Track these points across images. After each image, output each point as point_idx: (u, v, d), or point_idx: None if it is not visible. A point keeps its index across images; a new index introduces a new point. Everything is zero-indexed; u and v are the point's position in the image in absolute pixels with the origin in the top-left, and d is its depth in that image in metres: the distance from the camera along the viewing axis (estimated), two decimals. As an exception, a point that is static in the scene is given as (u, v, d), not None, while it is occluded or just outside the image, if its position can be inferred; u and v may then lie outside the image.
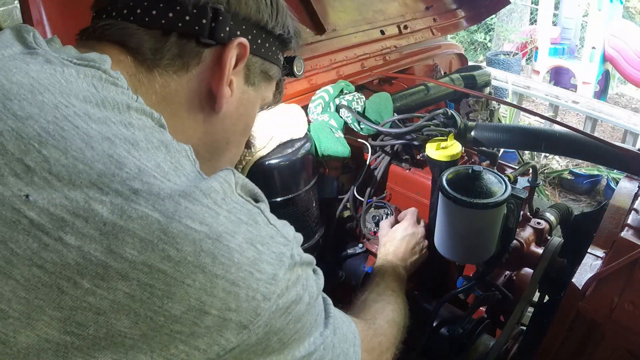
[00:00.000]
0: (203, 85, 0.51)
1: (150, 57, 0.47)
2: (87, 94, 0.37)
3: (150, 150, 0.36)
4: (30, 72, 0.36)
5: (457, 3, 1.84)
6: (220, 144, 0.57)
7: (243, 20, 0.51)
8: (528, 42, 5.53)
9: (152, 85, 0.48)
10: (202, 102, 0.51)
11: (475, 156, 1.18)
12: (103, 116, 0.36)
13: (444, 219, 0.92)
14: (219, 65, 0.50)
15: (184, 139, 0.50)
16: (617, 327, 0.71)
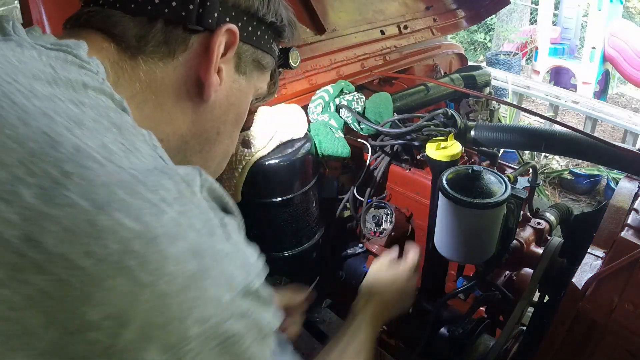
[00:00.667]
0: (191, 73, 0.49)
1: (135, 44, 0.46)
2: (38, 72, 0.35)
3: (98, 131, 0.33)
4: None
5: (457, 3, 1.84)
6: (210, 134, 0.55)
7: (232, 7, 0.50)
8: (528, 42, 5.53)
9: (136, 73, 0.47)
10: (190, 91, 0.50)
11: (475, 156, 1.18)
12: (50, 93, 0.34)
13: (444, 219, 0.92)
14: (207, 53, 0.49)
15: (171, 129, 0.50)
16: (617, 327, 0.71)
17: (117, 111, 0.38)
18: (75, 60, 0.40)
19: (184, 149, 0.53)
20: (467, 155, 1.18)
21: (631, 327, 0.70)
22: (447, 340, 0.96)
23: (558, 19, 5.55)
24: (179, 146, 0.52)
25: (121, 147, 0.33)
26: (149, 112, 0.48)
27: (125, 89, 0.46)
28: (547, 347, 0.83)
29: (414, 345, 0.98)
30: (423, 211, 1.14)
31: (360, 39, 1.44)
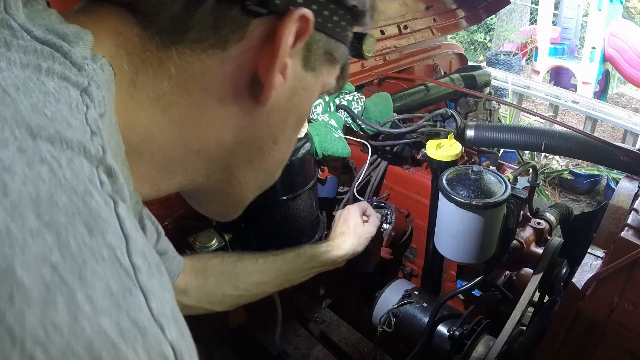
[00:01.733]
0: (244, 69, 0.37)
1: (169, 29, 0.33)
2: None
3: None
4: None
5: (457, 3, 1.84)
6: (264, 142, 0.43)
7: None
8: (528, 42, 5.52)
9: (165, 67, 0.34)
10: (241, 91, 0.38)
11: (475, 156, 1.18)
12: None
13: (444, 219, 0.92)
14: (271, 45, 0.36)
15: (211, 137, 0.38)
16: (617, 327, 0.71)
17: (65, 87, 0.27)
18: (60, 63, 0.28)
19: (227, 159, 0.41)
20: (467, 155, 1.18)
21: (631, 327, 0.70)
22: (447, 340, 0.96)
23: (558, 19, 5.55)
24: (221, 156, 0.41)
25: None
26: (178, 117, 0.36)
27: (146, 89, 0.34)
28: (547, 347, 0.83)
29: (414, 345, 0.98)
30: (423, 211, 1.14)
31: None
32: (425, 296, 1.04)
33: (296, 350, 1.80)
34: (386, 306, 1.03)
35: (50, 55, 0.28)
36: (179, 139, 0.37)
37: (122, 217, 0.22)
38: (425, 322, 0.98)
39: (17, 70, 0.25)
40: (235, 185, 0.45)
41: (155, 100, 0.35)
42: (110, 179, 0.24)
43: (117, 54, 0.33)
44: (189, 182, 0.41)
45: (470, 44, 6.88)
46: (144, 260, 0.22)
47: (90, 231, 0.20)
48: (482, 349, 0.92)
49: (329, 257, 0.95)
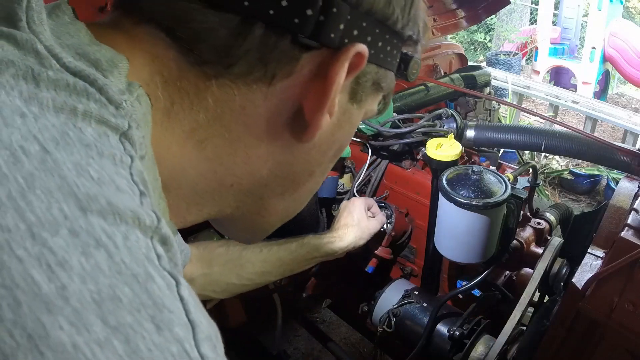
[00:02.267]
0: (288, 105, 0.34)
1: (212, 59, 0.30)
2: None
3: None
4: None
5: (457, 3, 1.84)
6: (299, 176, 0.40)
7: (364, 15, 0.32)
8: (528, 42, 5.52)
9: (203, 98, 0.31)
10: (282, 127, 0.35)
11: (475, 156, 1.18)
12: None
13: (443, 219, 0.92)
14: (321, 82, 0.32)
15: (246, 172, 0.36)
16: (617, 327, 0.71)
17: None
18: (96, 101, 0.25)
19: (259, 193, 0.39)
20: (467, 155, 1.18)
21: (631, 327, 0.70)
22: (447, 340, 0.96)
23: (558, 19, 5.55)
24: (253, 189, 0.38)
25: None
26: (212, 153, 0.33)
27: (181, 121, 0.31)
28: (547, 347, 0.83)
29: (414, 345, 0.98)
30: (423, 211, 1.14)
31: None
32: (425, 296, 1.04)
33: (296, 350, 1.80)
34: (386, 306, 1.03)
35: (85, 92, 0.25)
36: (213, 174, 0.34)
37: (185, 301, 0.20)
38: (425, 322, 0.98)
39: (52, 117, 0.23)
40: (265, 216, 0.43)
41: (190, 134, 0.32)
42: (165, 248, 0.22)
43: (152, 81, 0.30)
44: (217, 213, 0.39)
45: (470, 44, 6.88)
46: (212, 348, 0.21)
47: (157, 327, 0.18)
48: (482, 349, 0.92)
49: (331, 248, 0.96)
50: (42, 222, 0.18)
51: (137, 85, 0.29)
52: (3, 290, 0.15)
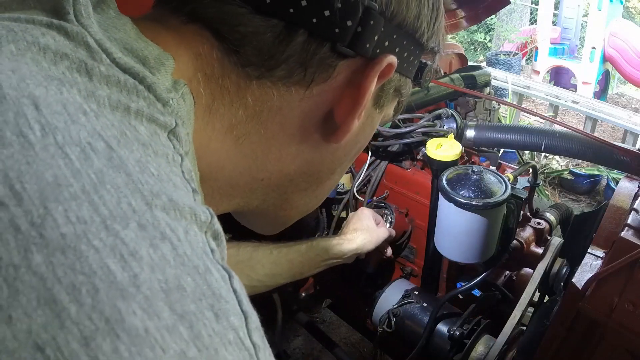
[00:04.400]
0: (321, 108, 0.36)
1: (256, 62, 0.32)
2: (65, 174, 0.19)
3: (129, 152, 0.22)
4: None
5: (457, 3, 1.84)
6: (323, 174, 0.43)
7: (396, 28, 0.35)
8: (528, 42, 5.53)
9: (243, 96, 0.33)
10: (313, 127, 0.37)
11: (475, 156, 1.18)
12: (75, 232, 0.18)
13: (444, 219, 0.92)
14: (354, 89, 0.35)
15: (277, 168, 0.38)
16: (617, 327, 0.71)
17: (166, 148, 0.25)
18: (146, 98, 0.26)
19: (286, 187, 0.41)
20: (467, 155, 1.18)
21: (631, 327, 0.70)
22: (447, 340, 0.96)
23: (558, 19, 5.55)
24: (280, 184, 0.40)
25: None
26: (249, 149, 0.35)
27: (221, 117, 0.33)
28: (547, 347, 0.83)
29: (414, 345, 0.98)
30: (423, 211, 1.14)
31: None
32: (425, 296, 1.04)
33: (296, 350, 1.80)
34: (386, 306, 1.03)
35: (134, 89, 0.26)
36: (247, 169, 0.36)
37: (238, 293, 0.22)
38: (425, 322, 0.98)
39: (110, 115, 0.23)
40: (287, 209, 0.45)
41: (230, 129, 0.34)
42: (216, 242, 0.24)
43: (194, 77, 0.31)
44: (244, 205, 0.41)
45: (470, 44, 6.88)
46: (261, 338, 0.22)
47: (216, 316, 0.19)
48: (482, 349, 0.92)
49: (340, 249, 0.97)
50: (114, 216, 0.19)
51: (182, 83, 0.30)
52: (82, 277, 0.17)
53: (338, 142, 0.38)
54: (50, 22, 0.26)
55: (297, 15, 0.31)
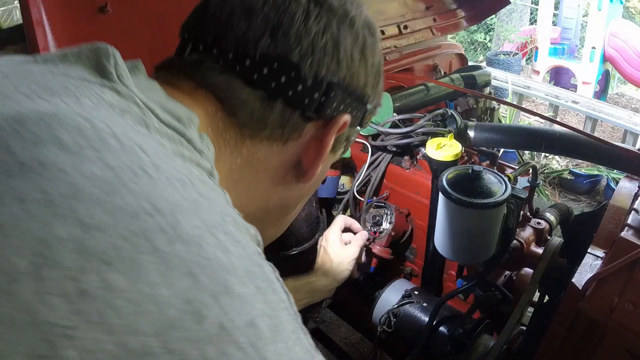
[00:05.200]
0: (294, 158, 0.47)
1: (249, 123, 0.42)
2: (178, 198, 0.27)
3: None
4: (114, 153, 0.27)
5: (457, 3, 1.84)
6: (291, 207, 0.55)
7: (348, 95, 0.46)
8: (528, 42, 5.53)
9: (239, 147, 0.43)
10: (288, 172, 0.48)
11: (475, 156, 1.18)
12: (195, 234, 0.26)
13: (444, 219, 0.92)
14: (318, 143, 0.46)
15: (259, 205, 0.48)
16: (617, 327, 0.71)
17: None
18: (189, 149, 0.35)
19: (262, 218, 0.50)
20: (467, 155, 1.18)
21: (631, 327, 0.70)
22: (447, 340, 0.96)
23: (558, 19, 5.55)
24: (260, 216, 0.49)
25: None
26: (242, 189, 0.45)
27: (224, 163, 0.42)
28: (547, 347, 0.83)
29: (414, 345, 0.98)
30: (423, 211, 1.14)
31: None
32: (425, 296, 1.04)
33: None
34: (386, 306, 1.03)
35: (179, 141, 0.35)
36: (238, 205, 0.41)
37: (280, 280, 0.30)
38: (425, 322, 0.98)
39: (176, 159, 0.33)
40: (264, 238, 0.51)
41: (230, 173, 0.43)
42: (260, 248, 0.32)
43: (206, 131, 0.40)
44: None
45: (470, 44, 6.88)
46: (297, 309, 0.30)
47: (274, 291, 0.28)
48: (482, 349, 0.92)
49: (313, 287, 0.97)
50: (211, 225, 0.27)
51: (205, 136, 0.39)
52: (205, 260, 0.25)
53: (306, 182, 0.49)
54: (101, 82, 0.34)
55: (277, 89, 0.41)
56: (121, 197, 0.25)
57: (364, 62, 0.47)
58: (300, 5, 0.42)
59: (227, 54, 0.41)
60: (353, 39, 0.45)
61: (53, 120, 0.27)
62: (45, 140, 0.26)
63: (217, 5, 0.44)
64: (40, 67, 0.35)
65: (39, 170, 0.25)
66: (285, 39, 0.41)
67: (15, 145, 0.25)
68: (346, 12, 0.45)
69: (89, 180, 0.25)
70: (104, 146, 0.27)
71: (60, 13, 0.83)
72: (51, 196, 0.24)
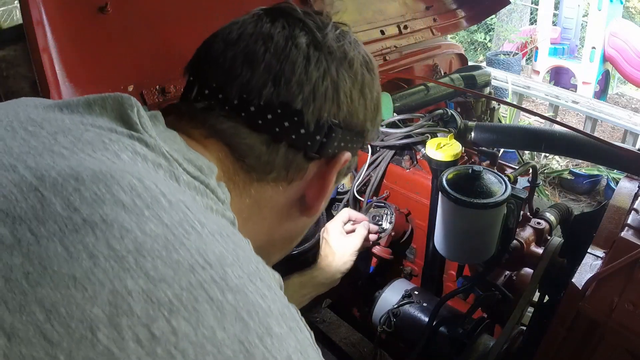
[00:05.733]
0: (298, 194, 0.49)
1: (256, 166, 0.45)
2: (222, 250, 0.31)
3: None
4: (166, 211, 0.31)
5: (457, 3, 1.84)
6: (295, 237, 0.57)
7: (349, 132, 0.48)
8: (528, 42, 5.52)
9: (247, 189, 0.46)
10: (292, 208, 0.50)
11: (475, 156, 1.18)
12: (240, 283, 0.30)
13: (444, 219, 0.92)
14: (322, 181, 0.49)
15: (267, 238, 0.51)
16: (617, 327, 0.71)
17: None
18: (213, 200, 0.38)
19: (267, 249, 0.53)
20: (467, 155, 1.18)
21: (631, 327, 0.70)
22: (447, 340, 0.96)
23: (558, 19, 5.54)
24: (266, 247, 0.52)
25: None
26: (251, 226, 0.47)
27: (235, 203, 0.44)
28: (547, 347, 0.83)
29: (414, 345, 0.98)
30: (423, 211, 1.14)
31: (360, 39, 1.44)
32: (425, 296, 1.04)
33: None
34: (386, 306, 1.03)
35: (205, 193, 0.38)
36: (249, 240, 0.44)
37: (303, 319, 0.34)
38: (425, 322, 0.98)
39: (207, 212, 0.36)
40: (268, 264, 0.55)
41: (239, 213, 0.43)
42: (282, 289, 0.35)
43: (219, 176, 0.42)
44: None
45: (470, 44, 6.88)
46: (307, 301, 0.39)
47: (301, 330, 0.32)
48: (482, 349, 0.92)
49: (318, 282, 0.98)
50: (250, 273, 0.31)
51: (222, 184, 0.41)
52: (250, 305, 0.29)
53: (310, 216, 0.52)
54: (129, 133, 0.37)
55: (281, 133, 0.44)
56: (178, 252, 0.29)
57: (363, 100, 0.48)
58: (301, 51, 0.44)
59: (232, 101, 0.43)
60: (352, 80, 0.47)
61: (108, 179, 0.30)
62: (105, 199, 0.29)
63: (219, 51, 0.45)
64: (69, 117, 0.38)
65: (103, 227, 0.28)
66: (287, 87, 0.43)
67: (77, 203, 0.29)
68: (345, 53, 0.47)
69: (149, 237, 0.29)
70: (156, 204, 0.31)
71: (60, 13, 0.83)
72: (119, 252, 0.27)
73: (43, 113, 0.38)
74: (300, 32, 0.45)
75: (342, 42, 0.47)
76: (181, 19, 1.01)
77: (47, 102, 0.40)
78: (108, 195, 0.29)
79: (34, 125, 0.35)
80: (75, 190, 0.29)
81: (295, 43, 0.44)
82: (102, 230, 0.27)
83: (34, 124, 0.35)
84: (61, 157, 0.32)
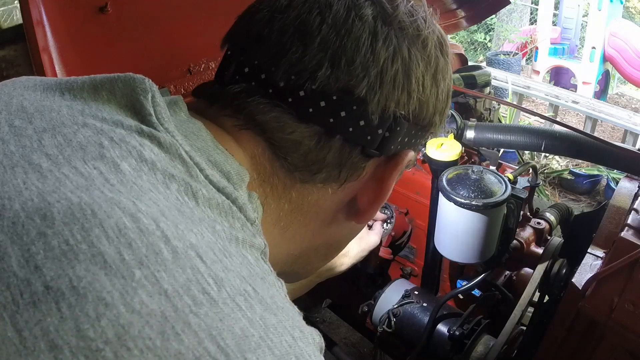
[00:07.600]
0: (349, 196, 0.41)
1: (302, 168, 0.36)
2: (245, 325, 0.23)
3: None
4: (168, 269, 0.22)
5: (457, 3, 1.84)
6: (342, 244, 0.49)
7: (416, 126, 0.39)
8: (528, 42, 5.52)
9: (288, 193, 0.37)
10: (340, 212, 0.42)
11: (475, 156, 1.17)
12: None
13: (444, 219, 0.92)
14: (380, 184, 0.40)
15: (309, 245, 0.43)
16: (617, 327, 0.71)
17: None
18: (241, 222, 0.31)
19: (310, 256, 0.46)
20: (467, 155, 1.18)
21: (631, 327, 0.70)
22: (447, 340, 0.96)
23: (558, 19, 5.54)
24: (307, 254, 0.45)
25: None
26: (291, 235, 0.40)
27: (271, 211, 0.37)
28: (547, 347, 0.83)
29: (414, 345, 0.98)
30: (423, 211, 1.14)
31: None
32: (425, 296, 1.04)
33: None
34: (386, 306, 1.03)
35: (230, 211, 0.30)
36: (287, 250, 0.41)
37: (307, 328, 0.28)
38: (425, 322, 0.98)
39: (231, 248, 0.28)
40: (309, 271, 0.50)
41: (277, 221, 0.38)
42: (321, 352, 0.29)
43: (251, 177, 0.35)
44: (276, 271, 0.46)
45: (470, 44, 6.88)
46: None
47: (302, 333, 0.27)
48: (482, 349, 0.92)
49: (332, 265, 0.99)
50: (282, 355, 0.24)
51: (255, 196, 0.34)
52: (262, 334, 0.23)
53: (360, 222, 0.43)
54: (139, 128, 0.29)
55: (336, 124, 0.35)
56: (179, 339, 0.20)
57: (435, 88, 0.39)
58: (366, 25, 0.35)
59: (277, 83, 0.35)
60: (425, 64, 0.38)
61: (87, 218, 0.22)
62: (79, 251, 0.20)
63: (264, 20, 0.36)
64: (69, 104, 0.30)
65: (72, 299, 0.19)
66: (349, 69, 0.34)
67: (40, 257, 0.20)
68: (418, 31, 0.38)
69: (138, 315, 0.20)
70: (153, 258, 0.22)
71: (60, 13, 0.83)
72: (92, 343, 0.18)
73: (40, 98, 0.31)
74: (366, 2, 0.36)
75: (415, 17, 0.38)
76: (181, 19, 1.01)
77: (49, 82, 0.34)
78: (84, 246, 0.21)
79: (22, 118, 0.28)
80: (40, 235, 0.21)
81: (360, 14, 0.35)
82: (69, 305, 0.19)
83: (23, 116, 0.28)
84: (36, 173, 0.24)
